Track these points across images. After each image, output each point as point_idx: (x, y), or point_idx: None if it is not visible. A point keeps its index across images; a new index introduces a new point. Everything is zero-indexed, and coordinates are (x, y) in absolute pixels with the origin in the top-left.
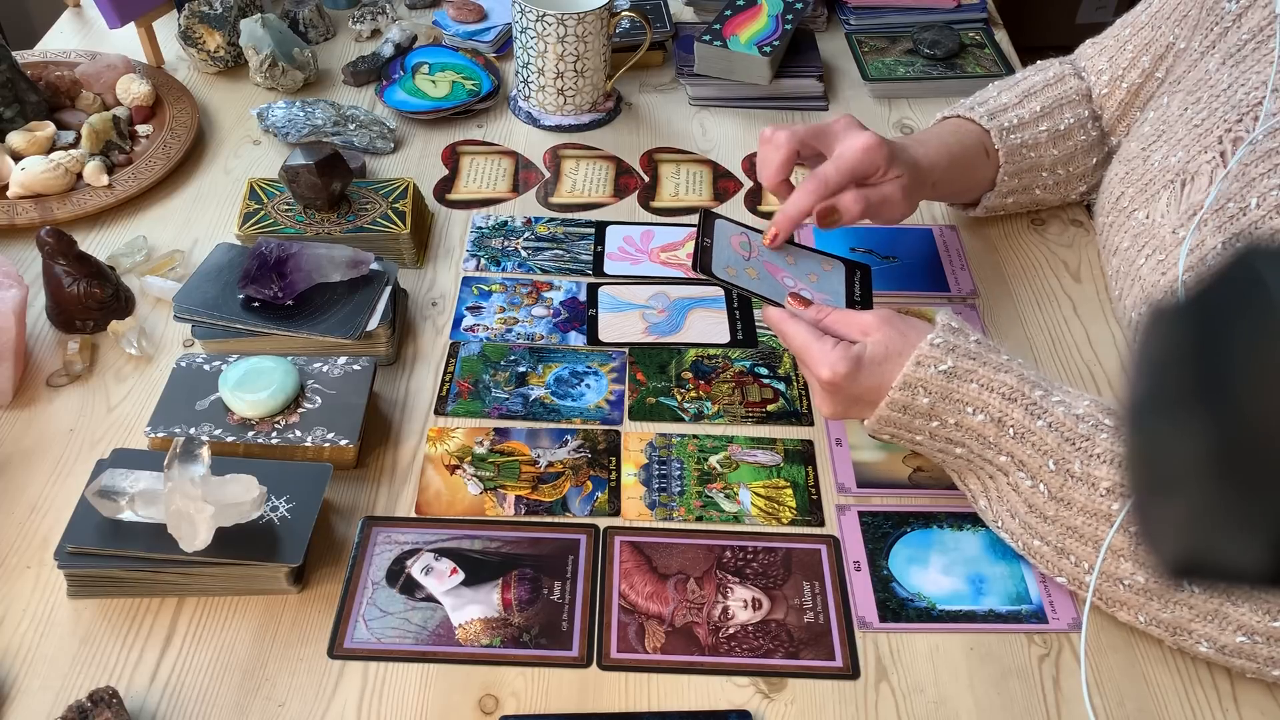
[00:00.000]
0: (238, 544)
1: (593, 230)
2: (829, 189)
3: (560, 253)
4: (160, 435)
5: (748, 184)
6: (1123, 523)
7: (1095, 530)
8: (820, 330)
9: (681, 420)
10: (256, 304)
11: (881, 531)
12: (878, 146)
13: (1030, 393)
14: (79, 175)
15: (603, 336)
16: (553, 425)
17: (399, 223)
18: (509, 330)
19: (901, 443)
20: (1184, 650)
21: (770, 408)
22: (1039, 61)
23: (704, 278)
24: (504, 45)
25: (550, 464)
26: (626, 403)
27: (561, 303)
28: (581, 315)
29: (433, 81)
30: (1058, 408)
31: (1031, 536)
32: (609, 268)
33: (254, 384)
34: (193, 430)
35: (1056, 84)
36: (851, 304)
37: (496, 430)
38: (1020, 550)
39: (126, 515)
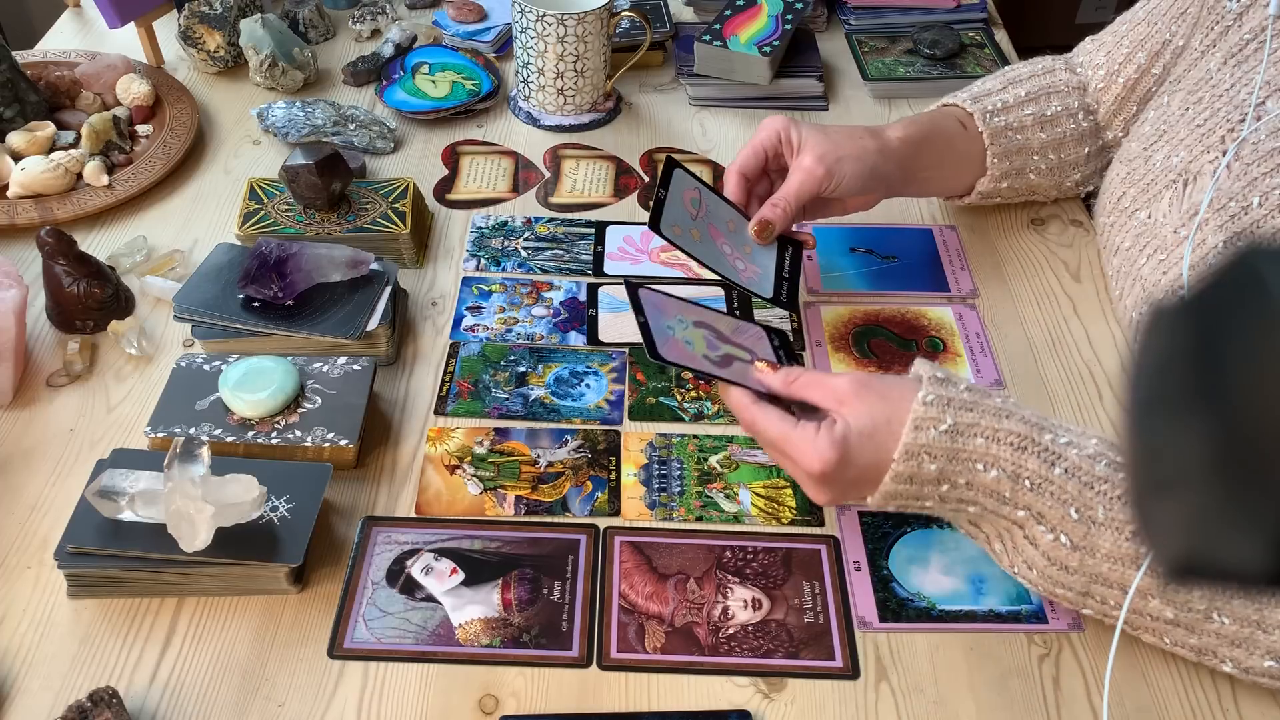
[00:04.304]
0: (238, 544)
1: (593, 230)
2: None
3: (560, 253)
4: (160, 435)
5: None
6: (1154, 566)
7: (1122, 575)
8: (789, 395)
9: (681, 420)
10: (256, 304)
11: (881, 531)
12: (814, 170)
13: (1040, 438)
14: (79, 175)
15: (603, 336)
16: (553, 425)
17: (399, 223)
18: (509, 330)
19: (907, 511)
20: (1207, 667)
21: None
22: (1032, 58)
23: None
24: (504, 45)
25: (550, 464)
26: (626, 403)
27: (561, 303)
28: (581, 315)
29: (433, 81)
30: (1070, 450)
31: (1053, 585)
32: (609, 268)
33: (254, 384)
34: (193, 430)
35: (1044, 74)
36: (780, 281)
37: (496, 430)
38: (1040, 594)
39: (126, 515)
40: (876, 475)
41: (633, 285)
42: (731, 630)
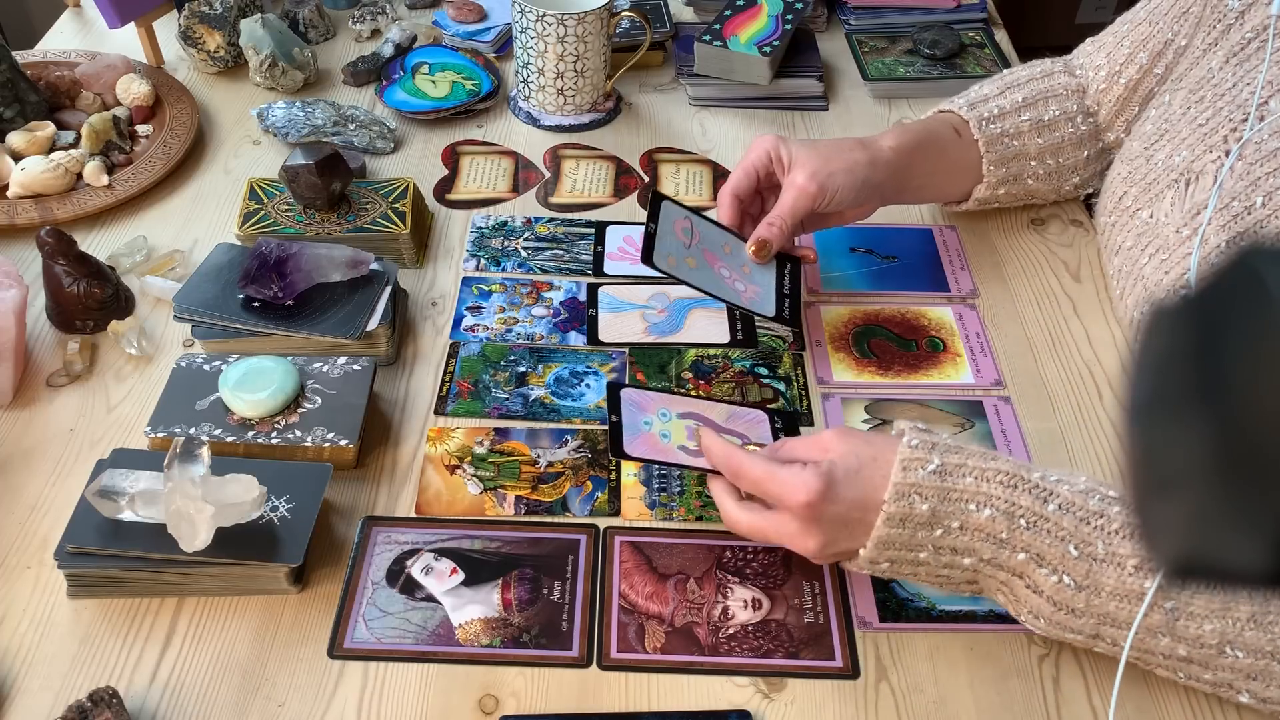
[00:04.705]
0: (238, 544)
1: (593, 230)
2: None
3: (560, 253)
4: (160, 435)
5: None
6: (1161, 603)
7: (1129, 613)
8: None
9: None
10: (256, 304)
11: None
12: (807, 188)
13: (1029, 475)
14: (79, 175)
15: (603, 336)
16: (553, 425)
17: (399, 223)
18: (509, 330)
19: (900, 570)
20: (1222, 697)
21: (770, 408)
22: (1031, 60)
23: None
24: (504, 45)
25: (550, 464)
26: None
27: (561, 303)
28: (581, 315)
29: (433, 81)
30: (1061, 487)
31: (1062, 631)
32: (609, 268)
33: (254, 384)
34: (193, 430)
35: (1043, 78)
36: (781, 297)
37: (496, 430)
38: (1055, 639)
39: (126, 515)
40: (864, 515)
41: (615, 386)
42: (731, 630)
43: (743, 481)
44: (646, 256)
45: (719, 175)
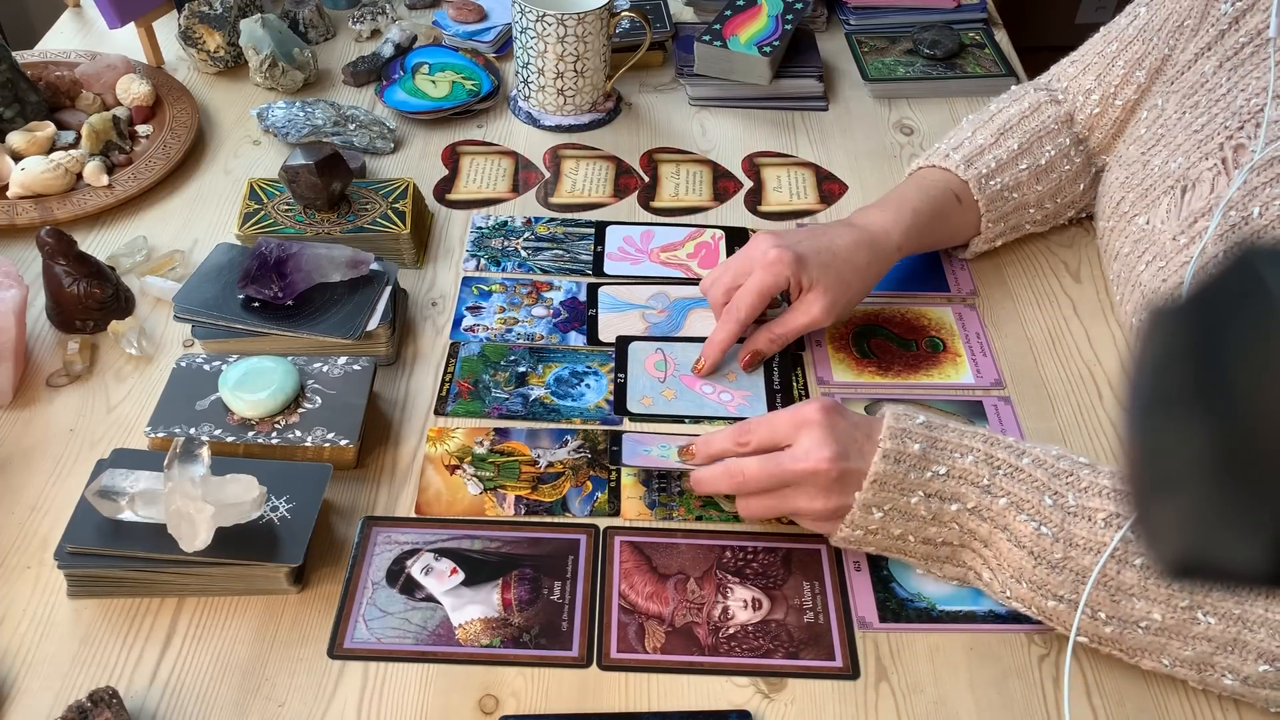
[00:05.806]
0: (238, 544)
1: (593, 230)
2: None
3: (560, 253)
4: (160, 435)
5: (747, 184)
6: (1130, 559)
7: (1104, 571)
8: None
9: (681, 421)
10: (256, 304)
11: None
12: (822, 321)
13: (1003, 438)
14: (79, 175)
15: (603, 336)
16: (553, 425)
17: (399, 223)
18: (509, 330)
19: (890, 528)
20: (1210, 688)
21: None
22: (1012, 89)
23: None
24: (504, 45)
25: (550, 464)
26: None
27: (561, 303)
28: (581, 315)
29: (433, 81)
30: (1033, 449)
31: (1044, 596)
32: (609, 268)
33: (254, 384)
34: (193, 430)
35: (1033, 114)
36: (771, 394)
37: (496, 430)
38: (1036, 615)
39: (126, 515)
40: (872, 434)
41: (617, 435)
42: (731, 630)
43: (752, 431)
44: (619, 409)
45: (719, 175)
